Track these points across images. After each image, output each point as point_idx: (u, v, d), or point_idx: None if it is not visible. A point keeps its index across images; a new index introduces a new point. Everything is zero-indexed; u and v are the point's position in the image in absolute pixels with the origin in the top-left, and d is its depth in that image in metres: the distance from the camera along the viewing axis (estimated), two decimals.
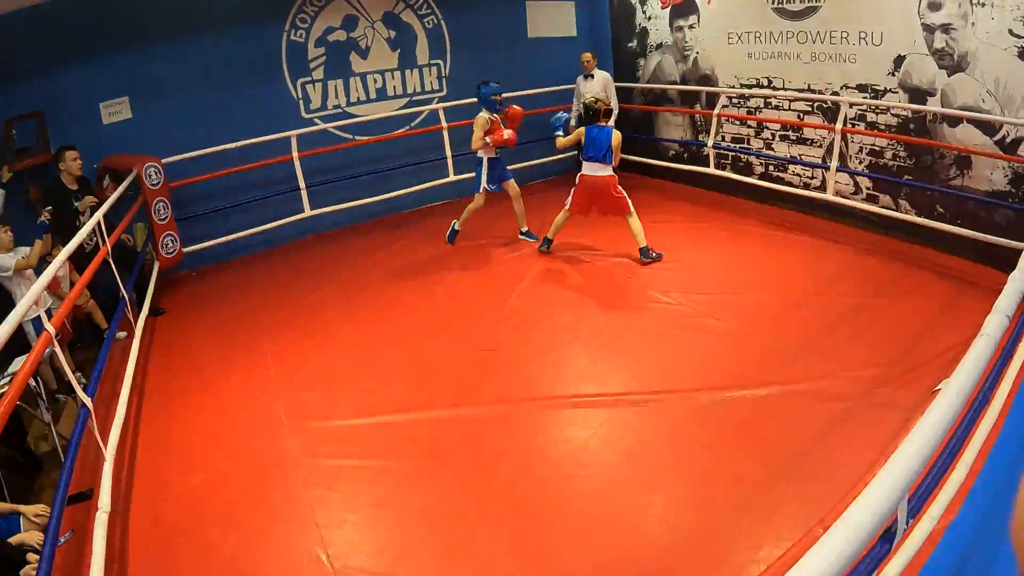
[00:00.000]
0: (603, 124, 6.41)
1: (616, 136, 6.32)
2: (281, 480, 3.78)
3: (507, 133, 6.79)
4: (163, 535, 3.48)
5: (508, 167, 7.23)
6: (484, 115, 6.81)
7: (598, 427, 4.05)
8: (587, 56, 8.59)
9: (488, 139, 6.72)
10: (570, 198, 6.58)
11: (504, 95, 6.94)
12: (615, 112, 8.06)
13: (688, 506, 3.37)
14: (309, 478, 3.76)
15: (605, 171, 6.37)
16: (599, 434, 3.99)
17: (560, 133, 6.64)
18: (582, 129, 6.49)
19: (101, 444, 3.73)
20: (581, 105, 6.66)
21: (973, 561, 2.75)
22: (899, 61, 6.34)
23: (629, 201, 6.42)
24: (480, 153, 6.96)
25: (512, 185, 7.16)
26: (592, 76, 8.59)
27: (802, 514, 3.19)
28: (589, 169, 6.44)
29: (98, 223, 5.19)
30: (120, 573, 3.21)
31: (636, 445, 3.88)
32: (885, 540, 1.84)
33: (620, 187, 6.43)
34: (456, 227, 7.25)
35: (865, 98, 6.70)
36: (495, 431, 4.09)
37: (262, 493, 3.70)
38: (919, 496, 2.31)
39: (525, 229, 7.34)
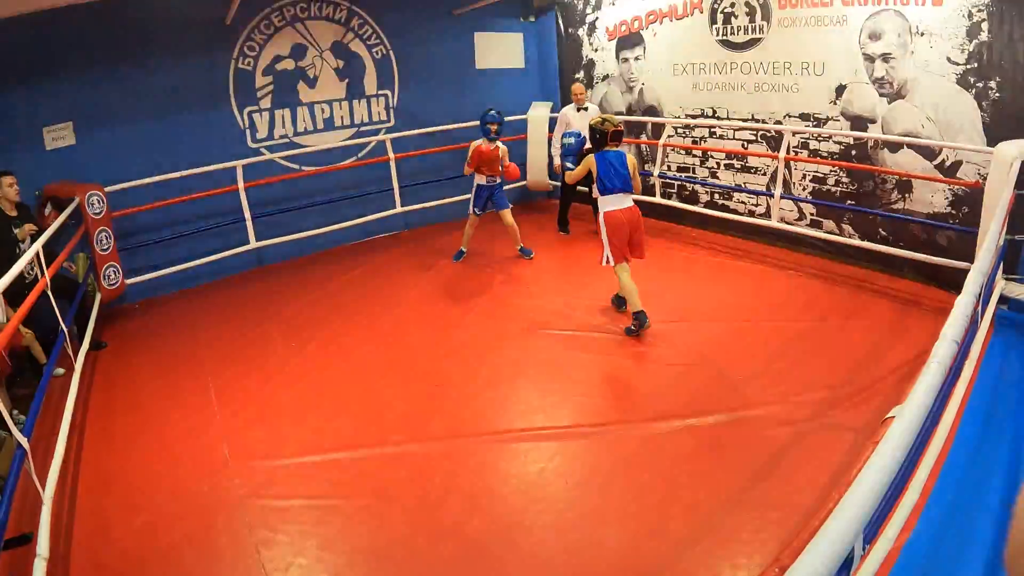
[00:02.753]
0: (613, 147, 5.62)
1: (632, 159, 5.61)
2: (226, 522, 3.66)
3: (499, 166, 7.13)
4: None
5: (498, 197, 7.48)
6: (476, 141, 7.15)
7: (549, 460, 4.01)
8: (578, 88, 8.37)
9: (467, 167, 7.13)
10: (608, 250, 5.56)
11: (497, 124, 7.13)
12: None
13: (643, 538, 3.33)
14: (255, 520, 3.64)
15: (630, 201, 5.55)
16: (550, 467, 3.95)
17: (570, 164, 6.35)
18: (590, 159, 5.58)
19: (39, 486, 3.59)
20: (588, 127, 5.86)
21: (932, 574, 2.79)
22: (840, 90, 6.53)
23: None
24: (476, 178, 7.30)
25: (504, 215, 7.43)
26: (586, 108, 8.28)
27: (758, 540, 3.19)
28: (614, 203, 5.49)
29: (37, 253, 5.02)
30: None
31: (588, 477, 3.85)
32: (843, 569, 1.84)
33: None
34: (463, 248, 7.66)
35: (808, 126, 6.88)
36: (444, 467, 4.02)
37: (206, 536, 3.57)
38: (874, 522, 2.32)
39: (520, 246, 7.62)
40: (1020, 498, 0.81)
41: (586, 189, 8.12)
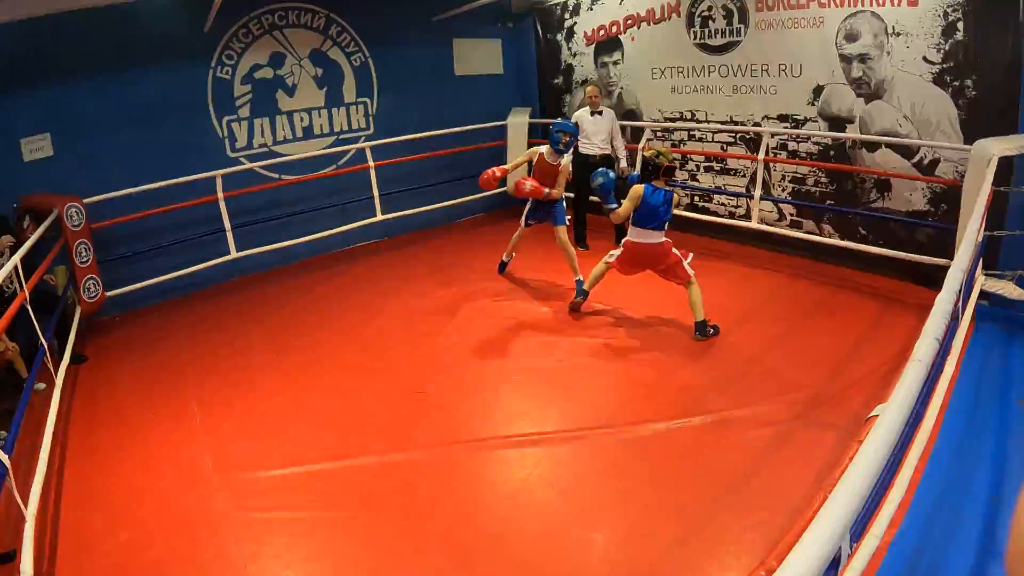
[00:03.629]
0: (661, 185, 5.44)
1: (677, 198, 5.56)
2: (211, 536, 3.62)
3: (528, 185, 6.34)
4: None
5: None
6: (541, 148, 6.54)
7: (534, 466, 4.01)
8: (592, 90, 7.80)
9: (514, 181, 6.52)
10: (616, 257, 5.74)
11: (570, 135, 6.43)
12: (625, 158, 7.90)
13: (631, 542, 3.34)
14: (240, 533, 3.60)
15: (659, 238, 5.51)
16: (536, 473, 3.94)
17: (613, 205, 5.63)
18: (639, 188, 5.43)
19: (21, 504, 3.54)
20: (640, 159, 5.94)
21: (919, 570, 2.80)
22: (818, 91, 6.59)
23: (687, 266, 5.56)
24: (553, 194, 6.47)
25: (557, 231, 6.53)
26: (600, 113, 7.81)
27: (746, 540, 3.21)
28: (639, 236, 5.53)
29: (16, 266, 4.96)
30: None
31: (574, 482, 3.84)
32: (830, 568, 1.84)
33: (675, 250, 5.58)
34: (505, 259, 7.27)
35: (786, 128, 6.91)
36: (430, 476, 4.00)
37: (191, 550, 3.53)
38: (860, 520, 2.33)
39: (578, 278, 6.39)
40: (1020, 500, 0.81)
41: (570, 195, 7.99)
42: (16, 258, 4.98)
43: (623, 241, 5.66)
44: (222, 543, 3.55)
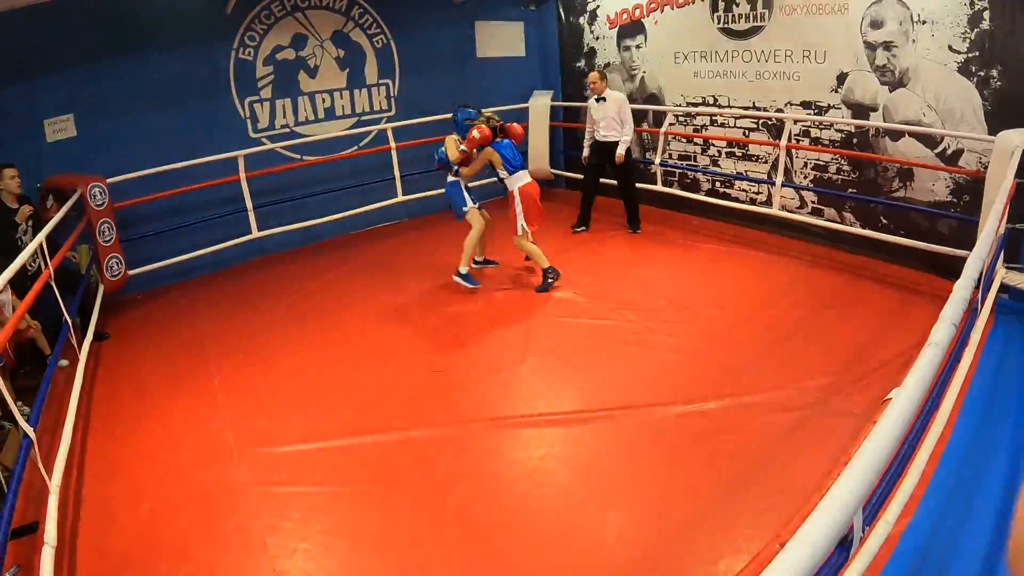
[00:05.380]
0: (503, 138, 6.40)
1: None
2: (231, 509, 3.69)
3: (476, 132, 6.31)
4: (111, 569, 3.37)
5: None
6: (454, 137, 6.59)
7: (551, 446, 4.04)
8: (593, 76, 7.74)
9: (463, 146, 6.38)
10: (522, 220, 6.31)
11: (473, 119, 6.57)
12: (631, 133, 7.76)
13: (645, 522, 3.37)
14: (260, 506, 3.67)
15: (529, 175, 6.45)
16: (553, 453, 3.98)
17: (453, 166, 6.45)
18: (490, 150, 6.29)
19: (45, 476, 3.61)
20: (496, 126, 6.43)
21: (931, 560, 2.82)
22: (842, 78, 6.53)
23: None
24: (455, 177, 6.59)
25: (486, 213, 6.79)
26: (604, 99, 7.74)
27: (759, 524, 3.22)
28: (522, 179, 6.36)
29: (41, 244, 5.04)
30: None
31: (590, 462, 3.87)
32: (842, 549, 1.86)
33: None
34: (473, 265, 6.89)
35: (809, 114, 6.87)
36: (448, 453, 4.04)
37: (212, 523, 3.61)
38: (873, 504, 2.35)
39: (481, 259, 7.03)
40: (1021, 498, 0.83)
41: (615, 182, 8.00)
42: (41, 236, 5.05)
43: (517, 192, 6.33)
44: (242, 516, 3.62)
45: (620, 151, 7.63)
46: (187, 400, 4.96)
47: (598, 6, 9.15)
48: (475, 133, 6.27)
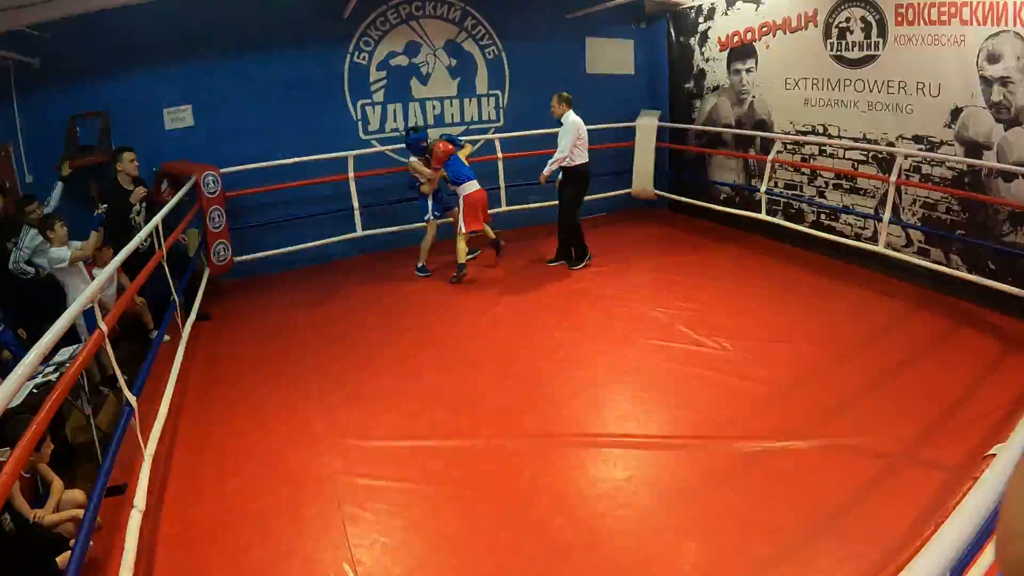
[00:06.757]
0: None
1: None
2: (315, 494, 3.74)
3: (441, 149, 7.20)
4: (192, 537, 3.47)
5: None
6: (415, 159, 7.37)
7: (637, 468, 3.97)
8: (553, 100, 7.56)
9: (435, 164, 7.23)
10: (462, 221, 7.16)
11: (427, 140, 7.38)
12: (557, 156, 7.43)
13: (723, 555, 3.25)
14: (344, 495, 3.71)
15: (478, 184, 7.25)
16: (638, 475, 3.90)
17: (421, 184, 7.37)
18: (441, 170, 7.22)
19: (141, 442, 3.74)
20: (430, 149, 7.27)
21: None
22: (956, 113, 6.21)
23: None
24: (425, 190, 7.44)
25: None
26: (561, 123, 7.50)
27: (839, 570, 3.08)
28: (468, 188, 7.17)
29: (156, 227, 5.25)
30: (147, 570, 3.19)
31: (674, 489, 3.76)
32: None
33: None
34: (421, 265, 7.64)
35: (920, 150, 6.57)
36: (534, 464, 4.01)
37: (295, 505, 3.66)
38: (962, 561, 2.20)
39: (421, 264, 7.65)
40: (1011, 480, 0.75)
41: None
42: (157, 219, 5.28)
43: (465, 199, 7.17)
44: (325, 503, 3.66)
45: (545, 172, 7.44)
46: (281, 386, 5.08)
47: (709, 27, 9.01)
48: (440, 149, 7.14)
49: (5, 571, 2.82)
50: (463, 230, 7.19)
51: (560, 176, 7.53)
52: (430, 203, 7.44)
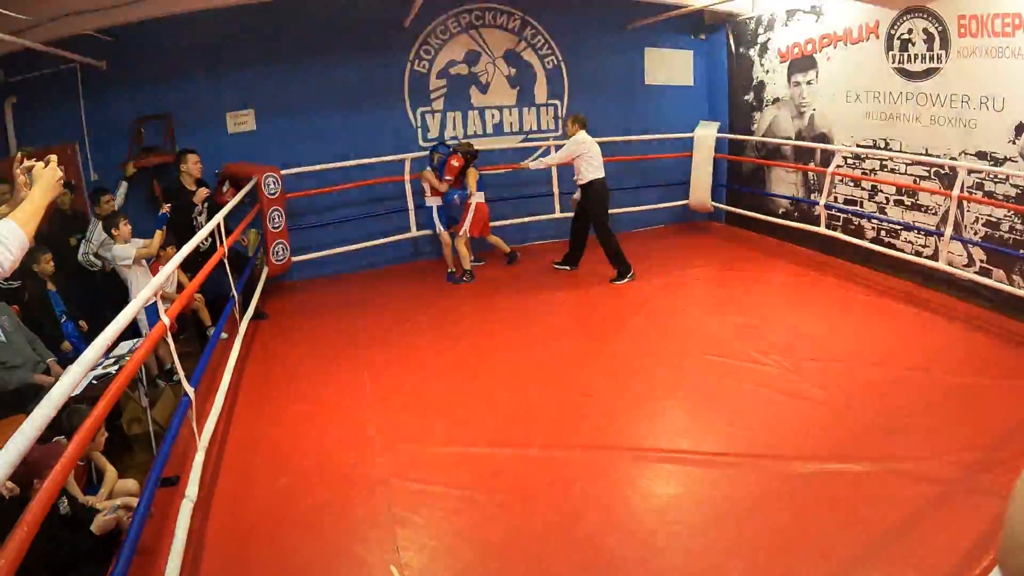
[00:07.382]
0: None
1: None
2: (366, 496, 3.75)
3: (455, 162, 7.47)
4: (241, 532, 3.50)
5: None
6: (429, 169, 7.61)
7: (688, 485, 3.91)
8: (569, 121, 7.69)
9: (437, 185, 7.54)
10: (467, 225, 7.56)
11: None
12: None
13: None
14: (394, 498, 3.70)
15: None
16: (689, 492, 3.84)
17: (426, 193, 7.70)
18: (473, 171, 7.59)
19: (196, 435, 3.81)
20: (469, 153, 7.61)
21: None
22: (1020, 128, 6.01)
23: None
24: (430, 202, 7.71)
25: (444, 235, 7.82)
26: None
27: None
28: (480, 197, 7.62)
29: (217, 226, 5.35)
30: (195, 561, 3.23)
31: (726, 507, 3.67)
32: None
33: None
34: (452, 270, 7.79)
35: (984, 165, 6.37)
36: (585, 477, 3.95)
37: (345, 506, 3.68)
38: None
39: (451, 271, 7.81)
40: (1016, 492, 0.72)
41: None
42: (218, 218, 5.38)
43: (476, 206, 7.60)
44: (376, 505, 3.66)
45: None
46: (335, 387, 5.12)
47: (769, 39, 8.88)
48: (455, 162, 7.41)
49: (61, 551, 2.88)
50: (466, 233, 7.54)
51: (579, 194, 7.64)
52: (436, 216, 7.71)
